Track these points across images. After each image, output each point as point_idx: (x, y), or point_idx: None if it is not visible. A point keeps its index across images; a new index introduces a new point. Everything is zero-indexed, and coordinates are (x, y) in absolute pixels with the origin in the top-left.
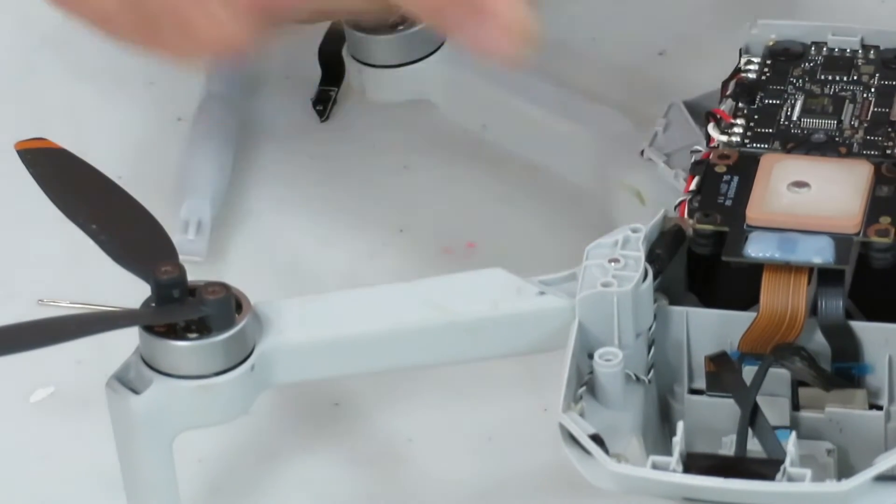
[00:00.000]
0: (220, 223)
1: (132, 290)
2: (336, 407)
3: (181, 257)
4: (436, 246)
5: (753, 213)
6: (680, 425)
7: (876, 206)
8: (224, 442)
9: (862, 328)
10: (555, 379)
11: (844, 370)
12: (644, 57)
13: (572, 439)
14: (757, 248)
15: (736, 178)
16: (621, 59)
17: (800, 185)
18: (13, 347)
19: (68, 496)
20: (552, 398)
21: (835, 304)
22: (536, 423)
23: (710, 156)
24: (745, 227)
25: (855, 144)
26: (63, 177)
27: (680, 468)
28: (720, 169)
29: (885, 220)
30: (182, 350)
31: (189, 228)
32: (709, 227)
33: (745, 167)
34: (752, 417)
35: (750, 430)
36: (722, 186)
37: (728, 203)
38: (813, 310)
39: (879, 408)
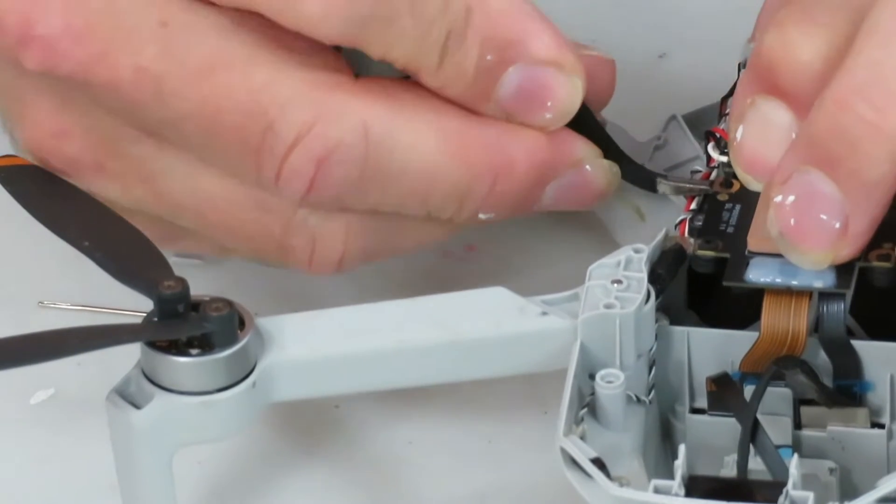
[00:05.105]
0: None
1: (133, 292)
2: (336, 409)
3: (182, 260)
4: (435, 249)
5: (755, 241)
6: (682, 448)
7: (877, 231)
8: (224, 443)
9: (863, 346)
10: (555, 382)
11: (846, 388)
12: (644, 59)
13: (574, 463)
14: (758, 273)
15: (738, 207)
16: (621, 61)
17: None
18: (12, 362)
19: (68, 498)
20: (552, 401)
21: (836, 319)
22: (536, 425)
23: (710, 178)
24: (746, 252)
25: None
26: (42, 194)
27: (682, 492)
28: (722, 197)
29: (887, 245)
30: (184, 366)
31: None
32: (710, 254)
33: (748, 196)
34: (753, 434)
35: (752, 449)
36: (724, 214)
37: (730, 230)
38: (815, 326)
39: (881, 426)
